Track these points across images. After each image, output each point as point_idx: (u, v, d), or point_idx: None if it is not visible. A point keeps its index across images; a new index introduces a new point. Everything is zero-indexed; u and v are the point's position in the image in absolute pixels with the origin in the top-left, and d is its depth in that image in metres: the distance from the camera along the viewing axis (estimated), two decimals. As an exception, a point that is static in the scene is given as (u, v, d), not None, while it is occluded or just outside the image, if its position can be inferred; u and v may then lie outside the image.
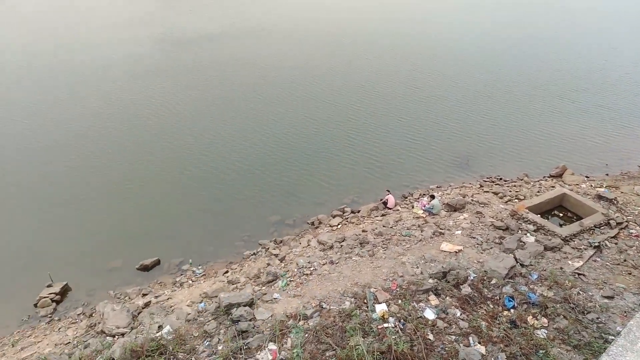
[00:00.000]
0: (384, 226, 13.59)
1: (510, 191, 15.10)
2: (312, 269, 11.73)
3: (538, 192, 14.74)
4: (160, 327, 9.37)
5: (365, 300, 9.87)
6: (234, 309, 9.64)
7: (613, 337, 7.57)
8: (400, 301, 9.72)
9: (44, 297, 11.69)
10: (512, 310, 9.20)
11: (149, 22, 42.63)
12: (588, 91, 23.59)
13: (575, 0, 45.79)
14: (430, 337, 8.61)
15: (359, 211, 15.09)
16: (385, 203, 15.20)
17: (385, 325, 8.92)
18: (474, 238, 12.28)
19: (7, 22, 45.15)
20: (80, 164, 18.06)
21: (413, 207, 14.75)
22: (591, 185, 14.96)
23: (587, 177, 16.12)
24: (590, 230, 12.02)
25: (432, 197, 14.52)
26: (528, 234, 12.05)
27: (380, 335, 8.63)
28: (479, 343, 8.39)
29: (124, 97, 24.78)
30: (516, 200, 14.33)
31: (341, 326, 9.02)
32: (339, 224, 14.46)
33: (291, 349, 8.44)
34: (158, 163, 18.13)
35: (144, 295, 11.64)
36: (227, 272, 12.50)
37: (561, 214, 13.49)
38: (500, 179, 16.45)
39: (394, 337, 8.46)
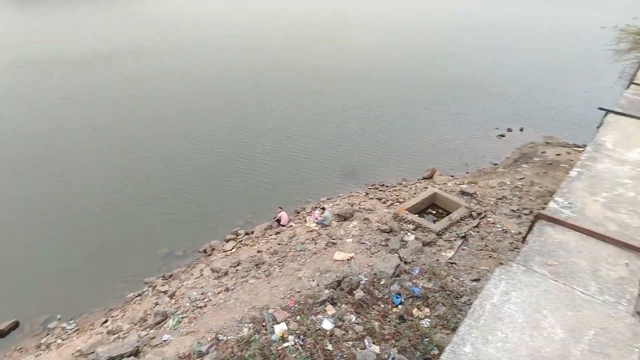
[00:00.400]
0: (278, 244, 13.53)
1: (391, 196, 16.34)
2: (206, 300, 11.07)
3: (414, 194, 16.22)
4: (18, 403, 7.80)
5: (264, 323, 9.62)
6: (116, 361, 8.54)
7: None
8: (299, 317, 9.69)
9: None
10: (399, 306, 9.83)
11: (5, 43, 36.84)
12: (448, 102, 27.01)
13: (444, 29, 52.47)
14: (329, 347, 8.71)
15: (252, 232, 14.81)
16: (278, 221, 15.18)
17: (285, 344, 8.78)
18: (363, 244, 12.92)
19: None
20: None
21: (306, 221, 15.00)
22: (455, 183, 17.00)
23: (452, 176, 18.29)
24: (458, 222, 13.59)
25: (323, 209, 14.96)
26: (409, 233, 13.12)
27: (281, 356, 8.47)
28: (374, 343, 8.75)
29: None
30: (397, 203, 15.54)
31: (240, 355, 8.62)
32: (233, 248, 13.97)
33: (185, 392, 7.75)
34: (12, 203, 15.46)
35: (-3, 368, 9.64)
36: (106, 321, 11.05)
37: (434, 211, 15.01)
38: (383, 185, 17.72)
39: (294, 355, 8.36)
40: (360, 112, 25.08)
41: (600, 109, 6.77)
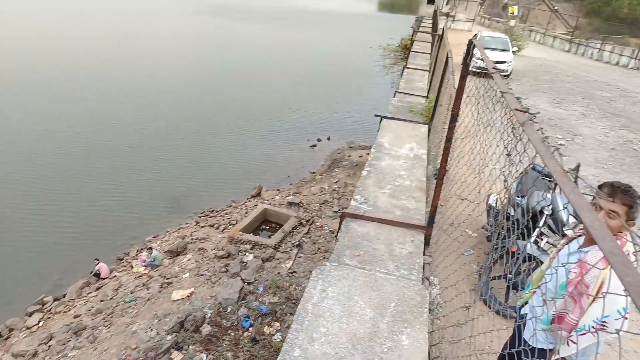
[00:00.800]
0: (101, 301, 11.74)
1: (223, 220, 16.16)
2: (9, 398, 8.72)
3: (246, 214, 16.42)
4: None
5: (96, 399, 8.17)
6: None
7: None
8: (140, 377, 8.60)
9: None
10: (250, 329, 9.78)
11: None
12: (259, 122, 28.28)
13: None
14: (181, 397, 8.01)
15: (64, 295, 12.44)
16: (97, 274, 13.16)
17: (128, 414, 7.66)
18: (202, 275, 12.36)
19: None
20: None
21: (132, 266, 13.47)
22: (282, 196, 17.98)
23: (278, 190, 19.26)
24: (291, 232, 14.40)
25: (150, 249, 13.72)
26: (247, 253, 13.19)
27: None
28: (229, 375, 8.46)
29: None
30: (230, 226, 15.44)
31: None
32: (40, 321, 11.45)
33: None
34: None
35: None
36: None
37: (268, 227, 15.52)
38: (213, 210, 17.35)
39: (140, 422, 7.35)
40: (175, 142, 23.94)
41: (376, 115, 8.26)
